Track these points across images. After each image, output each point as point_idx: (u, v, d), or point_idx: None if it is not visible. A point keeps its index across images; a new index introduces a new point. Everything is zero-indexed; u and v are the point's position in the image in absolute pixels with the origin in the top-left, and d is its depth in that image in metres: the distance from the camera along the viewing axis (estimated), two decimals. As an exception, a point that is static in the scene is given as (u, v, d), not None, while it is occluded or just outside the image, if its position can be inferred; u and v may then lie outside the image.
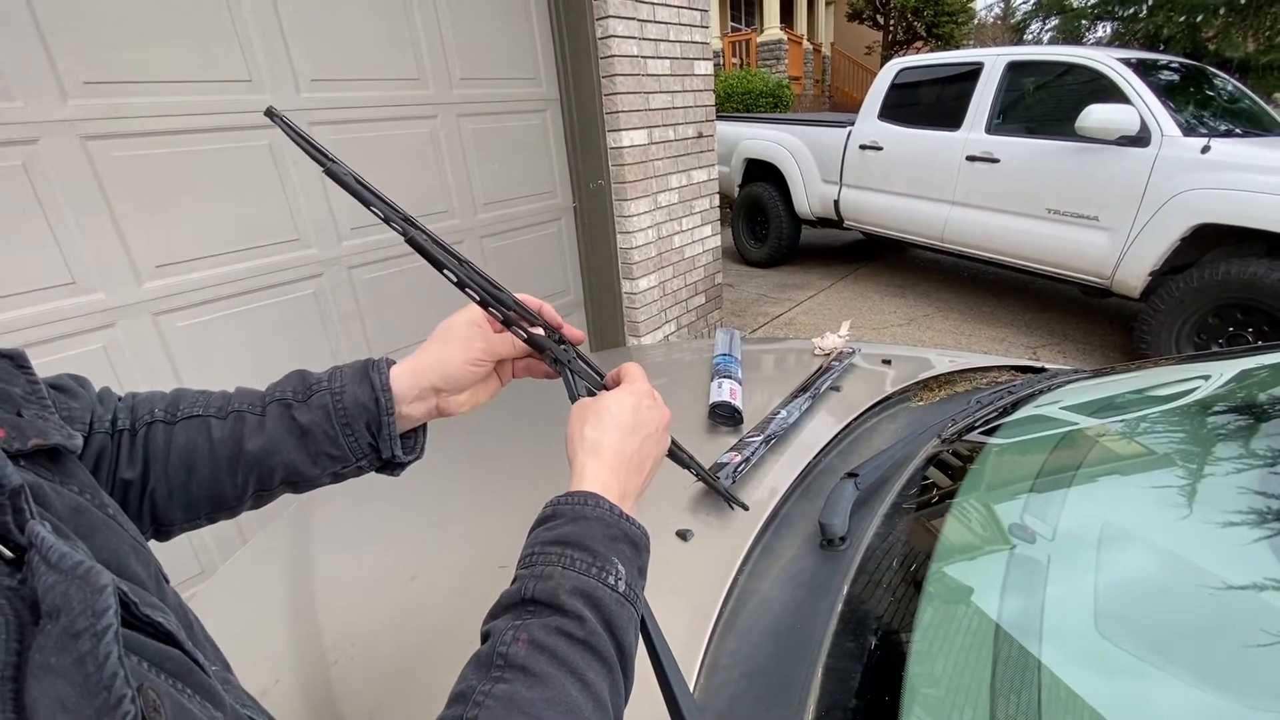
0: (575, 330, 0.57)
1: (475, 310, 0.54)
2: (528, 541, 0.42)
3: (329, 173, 0.46)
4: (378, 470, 0.56)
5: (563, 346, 0.55)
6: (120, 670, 0.22)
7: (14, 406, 0.35)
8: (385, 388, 0.52)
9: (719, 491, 0.77)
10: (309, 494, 1.03)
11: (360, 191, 0.47)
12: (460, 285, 0.51)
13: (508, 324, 0.52)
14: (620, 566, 0.40)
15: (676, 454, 0.61)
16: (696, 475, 0.67)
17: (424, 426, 0.58)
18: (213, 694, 0.28)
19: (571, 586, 0.37)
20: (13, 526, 0.25)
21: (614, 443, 0.47)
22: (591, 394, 0.53)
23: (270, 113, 0.46)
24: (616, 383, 0.54)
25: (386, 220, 0.49)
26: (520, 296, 0.56)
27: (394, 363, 0.54)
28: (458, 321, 0.54)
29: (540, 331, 0.55)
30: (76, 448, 0.35)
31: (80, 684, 0.21)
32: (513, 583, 0.40)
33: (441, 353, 0.54)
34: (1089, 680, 0.55)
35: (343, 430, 0.51)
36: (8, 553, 0.25)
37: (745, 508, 0.82)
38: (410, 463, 0.57)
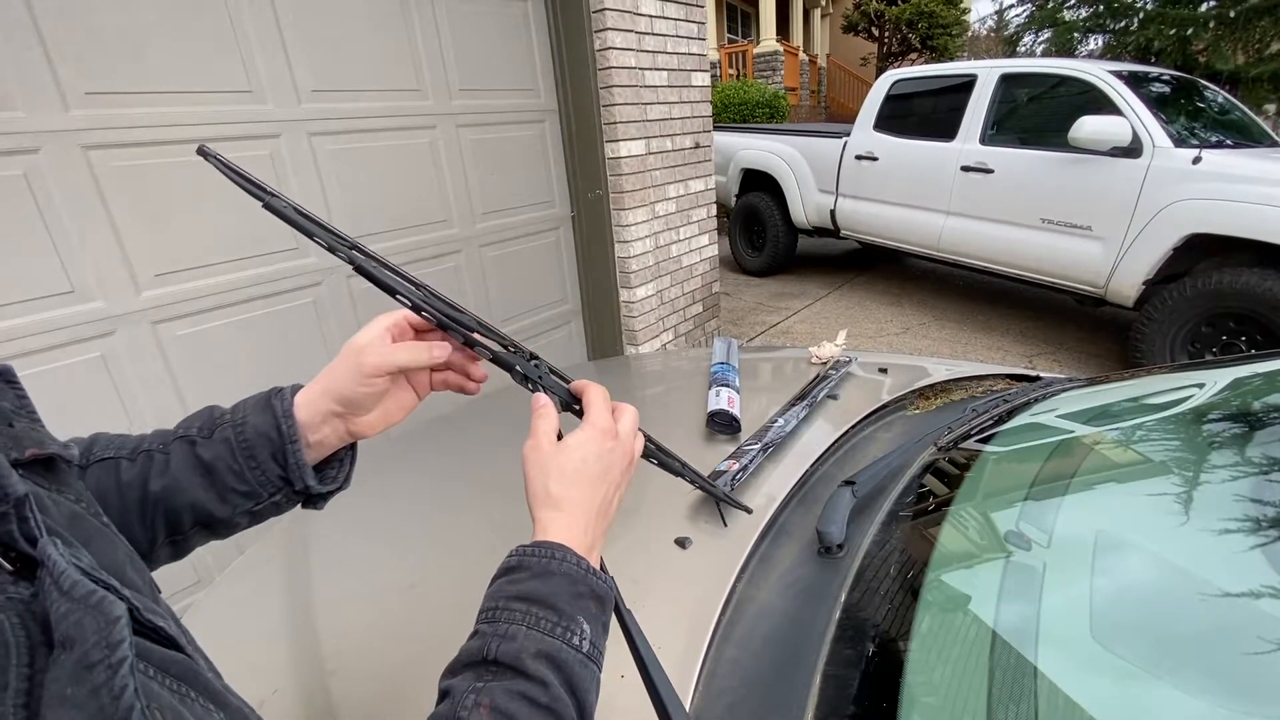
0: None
1: (379, 323, 0.51)
2: (489, 593, 0.41)
3: (268, 207, 0.44)
4: (303, 505, 0.53)
5: (533, 362, 0.53)
6: (136, 703, 0.22)
7: (4, 419, 0.35)
8: (287, 414, 0.49)
9: (718, 497, 0.76)
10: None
11: (302, 223, 0.45)
12: (415, 309, 0.48)
13: (470, 344, 0.49)
14: (585, 625, 0.39)
15: (669, 464, 0.60)
16: (693, 484, 0.66)
17: (351, 456, 0.55)
18: (216, 695, 0.29)
19: (535, 649, 0.36)
20: (18, 535, 0.25)
21: (580, 497, 0.44)
22: (566, 407, 0.51)
23: (202, 151, 0.43)
24: (579, 397, 0.51)
25: (332, 249, 0.47)
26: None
27: (301, 387, 0.51)
28: (356, 340, 0.50)
29: (502, 349, 0.52)
30: (73, 457, 0.35)
31: (95, 714, 0.21)
32: (472, 637, 0.39)
33: (334, 374, 0.50)
34: (1085, 687, 0.56)
35: (247, 463, 0.49)
36: (7, 565, 0.25)
37: (748, 510, 0.81)
38: (332, 494, 0.54)
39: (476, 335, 0.50)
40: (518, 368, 0.51)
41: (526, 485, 0.45)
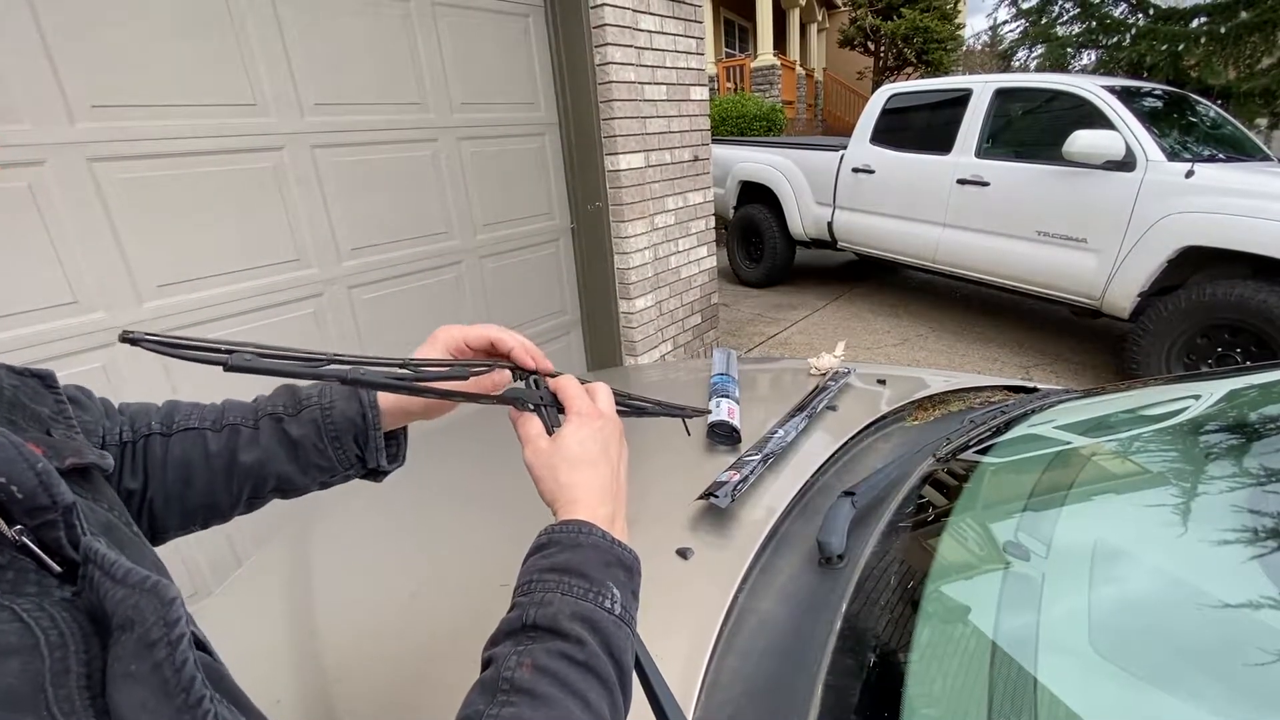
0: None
1: (461, 329, 0.57)
2: (524, 569, 0.43)
3: (230, 367, 0.38)
4: (361, 477, 0.59)
5: (538, 389, 0.54)
6: (197, 674, 0.24)
7: (43, 426, 0.36)
8: (373, 404, 0.55)
9: (683, 416, 0.70)
10: (306, 512, 1.04)
11: (274, 366, 0.40)
12: (413, 392, 0.48)
13: (472, 398, 0.51)
14: (615, 590, 0.41)
15: (642, 410, 0.63)
16: (659, 413, 0.66)
17: (404, 433, 0.61)
18: (240, 701, 0.30)
19: (571, 612, 0.38)
20: (65, 542, 0.27)
21: (590, 478, 0.47)
22: (549, 404, 0.52)
23: (128, 338, 0.34)
24: (554, 392, 0.53)
25: (318, 376, 0.43)
26: (496, 333, 0.56)
27: None
28: (450, 334, 0.56)
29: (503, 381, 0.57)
30: (109, 467, 0.36)
31: (159, 687, 0.23)
32: (511, 609, 0.40)
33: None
34: (1084, 697, 0.56)
35: (331, 444, 0.55)
36: (56, 567, 0.26)
37: (706, 411, 0.73)
38: (392, 470, 0.60)
39: (480, 381, 0.54)
40: (526, 401, 0.52)
41: (538, 485, 0.48)
